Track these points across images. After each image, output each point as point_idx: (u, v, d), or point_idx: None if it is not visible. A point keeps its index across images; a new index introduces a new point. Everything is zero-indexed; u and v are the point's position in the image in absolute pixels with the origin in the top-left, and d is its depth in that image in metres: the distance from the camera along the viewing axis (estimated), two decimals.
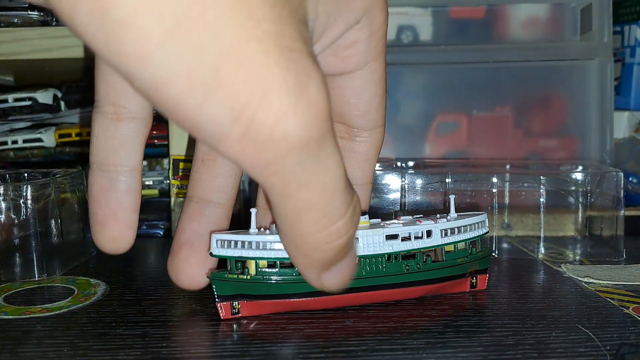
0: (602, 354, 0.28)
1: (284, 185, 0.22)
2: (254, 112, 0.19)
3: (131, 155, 0.29)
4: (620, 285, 0.38)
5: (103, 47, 0.18)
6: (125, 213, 0.29)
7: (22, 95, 0.54)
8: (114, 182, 0.29)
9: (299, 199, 0.23)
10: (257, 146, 0.20)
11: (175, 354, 0.28)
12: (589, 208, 0.47)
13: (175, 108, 0.20)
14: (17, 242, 0.38)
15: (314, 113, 0.21)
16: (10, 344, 0.29)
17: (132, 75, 0.19)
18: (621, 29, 0.62)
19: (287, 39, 0.20)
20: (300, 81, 0.20)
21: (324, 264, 0.26)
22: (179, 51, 0.18)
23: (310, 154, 0.21)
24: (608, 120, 0.56)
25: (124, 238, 0.29)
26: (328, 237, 0.24)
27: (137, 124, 0.29)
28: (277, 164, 0.21)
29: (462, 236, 0.35)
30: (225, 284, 0.31)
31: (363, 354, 0.28)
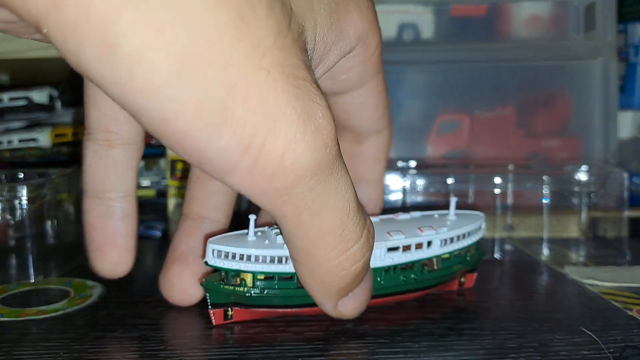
0: (606, 356, 0.27)
1: (297, 213, 0.22)
2: (263, 142, 0.20)
3: (125, 181, 0.30)
4: (624, 287, 0.37)
5: (110, 84, 0.18)
6: (122, 239, 0.30)
7: (18, 95, 0.53)
8: (110, 209, 0.30)
9: (313, 226, 0.23)
10: (268, 176, 0.20)
11: (173, 357, 0.27)
12: (592, 209, 0.47)
13: (183, 141, 0.20)
14: (13, 244, 0.38)
15: (322, 138, 0.21)
16: (6, 347, 0.28)
17: (140, 110, 0.19)
18: (625, 27, 0.62)
19: (293, 67, 0.20)
20: (307, 108, 0.20)
21: (340, 291, 0.26)
22: (186, 86, 0.18)
23: (321, 179, 0.22)
24: (612, 119, 0.55)
25: (123, 263, 0.30)
26: (345, 263, 0.25)
27: (130, 150, 0.29)
28: (289, 192, 0.21)
29: (461, 244, 0.35)
30: (220, 292, 0.30)
31: (364, 357, 0.27)
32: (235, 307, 0.31)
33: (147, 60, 0.18)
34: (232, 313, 0.31)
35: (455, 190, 0.46)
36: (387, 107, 0.32)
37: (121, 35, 0.17)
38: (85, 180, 0.30)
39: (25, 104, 0.53)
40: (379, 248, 0.32)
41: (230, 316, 0.31)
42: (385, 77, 0.32)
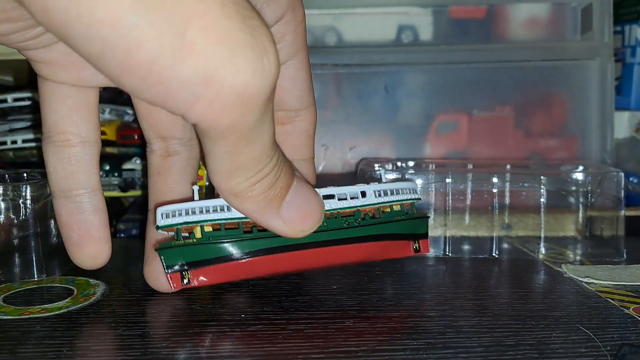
0: (603, 354, 0.27)
1: (236, 142, 0.24)
2: (225, 75, 0.21)
3: (89, 177, 0.31)
4: (620, 285, 0.37)
5: (75, 21, 0.20)
6: (97, 230, 0.31)
7: (22, 95, 0.54)
8: (80, 205, 0.31)
9: (244, 154, 0.25)
10: (226, 108, 0.22)
11: (175, 355, 0.28)
12: (589, 208, 0.47)
13: (148, 73, 0.21)
14: (17, 243, 0.38)
15: (274, 74, 0.23)
16: (10, 345, 0.29)
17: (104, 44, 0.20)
18: (622, 28, 0.62)
19: (244, 8, 0.22)
20: (263, 46, 0.22)
21: (271, 202, 0.28)
22: (148, 13, 0.20)
23: (264, 112, 0.24)
24: (608, 120, 0.56)
25: (102, 253, 0.32)
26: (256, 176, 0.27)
27: (89, 147, 0.31)
28: (238, 123, 0.23)
29: (395, 197, 0.37)
30: (172, 252, 0.32)
31: (363, 355, 0.28)
32: (191, 269, 0.32)
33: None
34: (189, 276, 0.33)
35: (453, 189, 0.46)
36: (311, 82, 0.34)
37: None
38: (51, 182, 0.31)
39: (29, 104, 0.53)
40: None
41: (187, 279, 0.33)
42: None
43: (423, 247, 0.38)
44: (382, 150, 0.57)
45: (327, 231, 0.34)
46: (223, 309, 0.33)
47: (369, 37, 0.58)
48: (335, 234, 0.34)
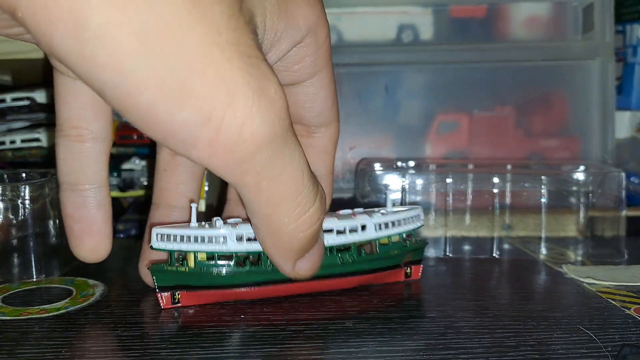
0: (604, 355, 0.27)
1: (257, 181, 0.24)
2: (223, 115, 0.21)
3: (97, 173, 0.31)
4: (621, 286, 0.37)
5: (78, 61, 0.20)
6: (99, 225, 0.32)
7: (20, 95, 0.53)
8: (85, 199, 0.31)
9: (272, 192, 0.25)
10: (228, 147, 0.22)
11: (174, 356, 0.28)
12: (590, 208, 0.47)
13: (147, 115, 0.21)
14: (15, 243, 0.38)
15: (276, 111, 0.23)
16: (9, 345, 0.28)
17: (105, 85, 0.20)
18: (623, 28, 0.62)
19: (246, 46, 0.22)
20: (261, 84, 0.22)
21: (298, 253, 0.29)
22: (148, 60, 0.20)
23: (277, 148, 0.24)
24: (609, 120, 0.56)
25: (101, 247, 0.32)
26: (302, 226, 0.27)
27: (100, 144, 0.31)
28: (248, 162, 0.23)
29: (396, 230, 0.37)
30: (164, 275, 0.33)
31: (363, 355, 0.28)
32: (182, 291, 0.33)
33: (112, 36, 0.19)
34: (179, 297, 0.33)
35: (454, 189, 0.46)
36: (336, 100, 0.34)
37: (88, 14, 0.19)
38: (60, 174, 0.32)
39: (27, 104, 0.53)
40: None
41: (177, 300, 0.33)
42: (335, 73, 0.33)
43: (414, 273, 0.38)
44: (382, 150, 0.57)
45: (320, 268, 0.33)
46: (223, 309, 0.33)
47: (369, 36, 0.58)
48: (328, 270, 0.34)
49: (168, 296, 0.33)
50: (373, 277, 0.37)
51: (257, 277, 0.33)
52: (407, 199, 0.47)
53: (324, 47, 0.31)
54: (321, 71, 0.32)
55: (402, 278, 0.38)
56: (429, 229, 0.47)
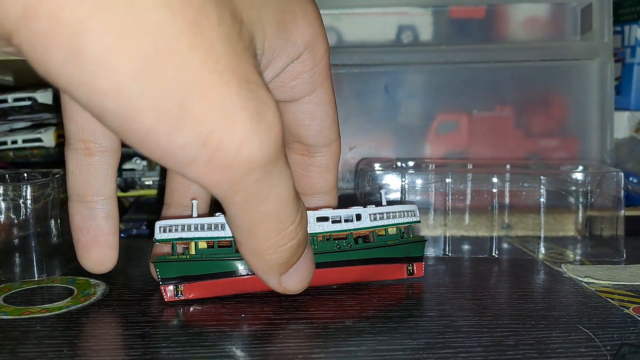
0: (603, 354, 0.28)
1: (246, 200, 0.25)
2: (220, 138, 0.22)
3: (105, 185, 0.32)
4: (620, 285, 0.38)
5: (77, 87, 0.20)
6: (106, 237, 0.33)
7: (22, 95, 0.53)
8: (93, 211, 0.32)
9: (258, 211, 0.26)
10: (223, 168, 0.23)
11: (175, 355, 0.28)
12: (589, 208, 0.47)
13: (145, 138, 0.21)
14: (17, 242, 0.38)
15: (273, 136, 0.23)
16: (10, 344, 0.29)
17: (105, 110, 0.21)
18: (621, 28, 0.62)
19: (244, 71, 0.22)
20: (259, 109, 0.23)
21: (281, 267, 0.29)
22: (148, 86, 0.20)
23: (269, 170, 0.24)
24: (608, 120, 0.56)
25: (108, 259, 0.33)
26: (281, 241, 0.28)
27: (108, 156, 0.32)
28: (241, 182, 0.24)
29: (392, 221, 0.37)
30: (167, 265, 0.33)
31: (363, 354, 0.28)
32: (184, 283, 0.34)
33: (111, 63, 0.19)
34: (182, 289, 0.34)
35: (453, 189, 0.46)
36: (336, 117, 0.34)
37: (88, 42, 0.19)
38: (69, 186, 0.32)
39: (29, 104, 0.53)
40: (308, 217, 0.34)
41: (180, 292, 0.34)
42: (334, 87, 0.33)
43: (417, 270, 0.38)
44: (382, 150, 0.57)
45: (318, 254, 0.34)
46: (223, 308, 0.33)
47: (369, 37, 0.58)
48: (326, 257, 0.35)
49: (171, 288, 0.33)
50: (374, 269, 0.37)
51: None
52: (407, 198, 0.47)
53: (322, 64, 0.31)
54: (319, 88, 0.32)
55: (405, 275, 0.38)
56: (429, 229, 0.47)
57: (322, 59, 0.31)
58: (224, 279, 0.34)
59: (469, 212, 0.47)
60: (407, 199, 0.47)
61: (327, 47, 0.31)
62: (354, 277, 0.36)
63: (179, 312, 0.33)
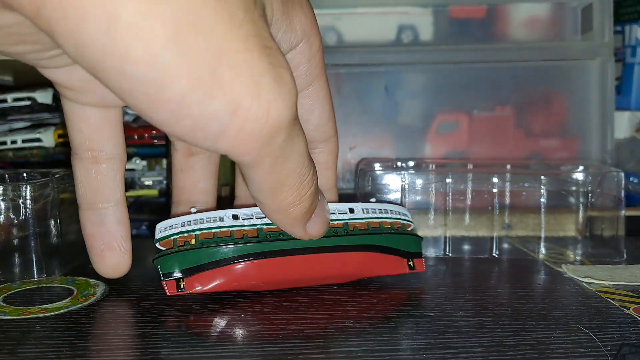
0: (603, 354, 0.27)
1: (273, 161, 0.25)
2: (249, 106, 0.22)
3: (114, 191, 0.33)
4: (621, 285, 0.37)
5: (110, 57, 0.20)
6: (119, 242, 0.33)
7: (21, 95, 0.53)
8: (104, 218, 0.33)
9: (283, 170, 0.27)
10: (254, 135, 0.23)
11: (175, 355, 0.28)
12: (589, 208, 0.47)
13: (179, 108, 0.21)
14: (16, 243, 0.38)
15: (292, 96, 0.24)
16: (10, 345, 0.29)
17: (137, 81, 0.20)
18: (622, 28, 0.62)
19: (263, 37, 0.23)
20: (279, 73, 0.23)
21: (304, 216, 0.30)
22: (181, 52, 0.20)
23: (291, 130, 0.25)
24: (609, 120, 0.56)
25: (123, 264, 0.34)
26: (302, 191, 0.28)
27: (114, 163, 0.33)
28: (269, 146, 0.24)
29: (384, 215, 0.37)
30: (167, 259, 0.33)
31: (363, 355, 0.28)
32: (186, 277, 0.33)
33: (145, 29, 0.19)
34: (183, 283, 0.33)
35: (453, 189, 0.46)
36: (333, 113, 0.35)
37: (120, 7, 0.19)
38: (78, 195, 0.33)
39: (29, 104, 0.53)
40: None
41: (182, 286, 0.33)
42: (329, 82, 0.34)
43: (418, 265, 0.38)
44: (382, 150, 0.57)
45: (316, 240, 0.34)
46: (223, 309, 0.33)
47: (369, 37, 0.58)
48: (323, 241, 0.34)
49: (172, 283, 0.33)
50: (374, 260, 0.36)
51: (256, 248, 0.33)
52: (407, 198, 0.47)
53: (317, 57, 0.31)
54: (315, 82, 0.32)
55: (407, 270, 0.38)
56: (429, 229, 0.47)
57: (317, 52, 0.31)
58: (225, 267, 0.33)
59: (469, 212, 0.47)
60: (407, 199, 0.47)
61: (321, 42, 0.31)
62: (355, 267, 0.36)
63: (178, 312, 0.33)
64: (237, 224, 0.34)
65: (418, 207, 0.47)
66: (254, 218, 0.34)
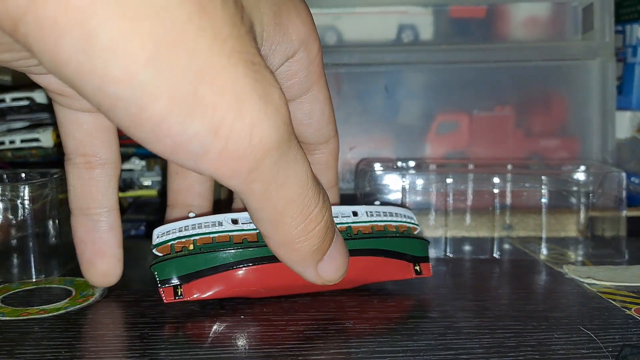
0: (604, 355, 0.27)
1: (265, 187, 0.24)
2: (232, 123, 0.21)
3: (107, 197, 0.33)
4: (622, 286, 0.37)
5: (88, 76, 0.19)
6: (111, 249, 0.33)
7: (20, 95, 0.53)
8: (96, 224, 0.33)
9: (280, 197, 0.25)
10: (237, 156, 0.22)
11: (174, 356, 0.28)
12: (590, 209, 0.47)
13: (158, 128, 0.21)
14: (15, 243, 0.38)
15: (281, 116, 0.23)
16: (8, 346, 0.28)
17: (116, 99, 0.20)
18: (623, 28, 0.62)
19: (249, 54, 0.22)
20: (266, 90, 0.22)
21: (314, 254, 0.28)
22: (160, 71, 0.20)
23: (283, 152, 0.24)
24: (610, 120, 0.56)
25: (113, 271, 0.34)
26: (309, 225, 0.27)
27: (108, 168, 0.32)
28: (257, 170, 0.23)
29: (388, 218, 0.37)
30: (165, 265, 0.32)
31: (363, 356, 0.28)
32: (184, 283, 0.33)
33: (124, 48, 0.19)
34: (181, 290, 0.33)
35: (454, 189, 0.46)
36: (333, 115, 0.34)
37: (98, 26, 0.19)
38: (71, 200, 0.33)
39: (27, 104, 0.53)
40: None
41: (180, 293, 0.33)
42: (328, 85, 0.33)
43: (425, 270, 0.37)
44: (382, 150, 0.57)
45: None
46: (222, 310, 0.33)
47: (369, 36, 0.58)
48: None
49: (169, 289, 0.33)
50: (379, 264, 0.36)
51: (255, 253, 0.33)
52: (407, 199, 0.47)
53: (316, 62, 0.31)
54: (315, 86, 0.32)
55: (413, 275, 0.37)
56: (429, 229, 0.47)
57: (316, 57, 0.31)
58: (224, 273, 0.33)
59: (469, 212, 0.47)
60: (408, 199, 0.47)
61: (319, 46, 0.31)
62: (360, 271, 0.35)
63: (177, 313, 0.33)
64: (237, 228, 0.33)
65: (418, 208, 0.47)
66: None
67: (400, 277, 0.37)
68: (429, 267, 0.38)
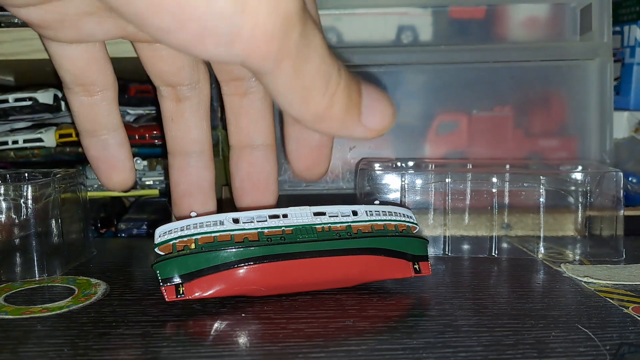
0: (602, 353, 0.28)
1: (293, 64, 0.24)
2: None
3: (111, 119, 0.33)
4: (619, 285, 0.38)
5: None
6: (122, 163, 0.34)
7: (23, 95, 0.54)
8: (105, 143, 0.34)
9: (307, 72, 0.24)
10: (269, 32, 0.21)
11: (176, 354, 0.28)
12: (588, 208, 0.47)
13: (182, 9, 0.20)
14: (18, 242, 0.38)
15: None
16: (11, 344, 0.29)
17: None
18: (621, 29, 0.62)
19: None
20: None
21: (350, 111, 0.27)
22: None
23: (304, 25, 0.23)
24: (608, 120, 0.56)
25: (129, 180, 0.35)
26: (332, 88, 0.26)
27: (107, 92, 0.33)
28: (286, 46, 0.22)
29: (388, 217, 0.37)
30: (167, 264, 0.33)
31: (363, 354, 0.28)
32: (185, 282, 0.33)
33: None
34: (183, 288, 0.33)
35: (453, 189, 0.47)
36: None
37: None
38: (77, 123, 0.34)
39: (30, 104, 0.53)
40: (304, 211, 0.35)
41: (182, 292, 0.33)
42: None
43: (424, 268, 0.37)
44: (382, 150, 0.57)
45: (319, 241, 0.34)
46: (224, 308, 0.33)
47: (369, 37, 0.58)
48: (327, 245, 0.34)
49: (171, 288, 0.33)
50: (379, 263, 0.36)
51: (257, 252, 0.33)
52: (407, 198, 0.47)
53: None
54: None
55: (412, 274, 0.37)
56: (428, 229, 0.47)
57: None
58: (225, 272, 0.33)
59: (468, 212, 0.47)
60: (407, 198, 0.47)
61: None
62: (359, 270, 0.36)
63: (179, 311, 0.33)
64: (238, 227, 0.34)
65: (418, 207, 0.47)
66: (255, 221, 0.34)
67: (400, 276, 0.37)
68: (428, 266, 0.38)
